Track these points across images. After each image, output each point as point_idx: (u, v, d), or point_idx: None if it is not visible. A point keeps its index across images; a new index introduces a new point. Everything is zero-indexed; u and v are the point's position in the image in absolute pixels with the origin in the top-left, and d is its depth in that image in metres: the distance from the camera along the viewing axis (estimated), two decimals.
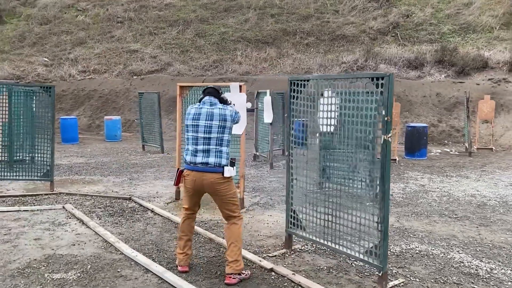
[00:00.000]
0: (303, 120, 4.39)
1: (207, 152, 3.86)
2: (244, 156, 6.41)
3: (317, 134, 4.42)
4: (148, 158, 11.59)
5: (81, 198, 6.87)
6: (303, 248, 4.66)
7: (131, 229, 5.30)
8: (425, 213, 6.21)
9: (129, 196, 6.92)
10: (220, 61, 22.67)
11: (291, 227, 4.49)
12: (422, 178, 8.77)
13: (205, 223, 5.61)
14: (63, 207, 6.24)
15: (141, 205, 6.46)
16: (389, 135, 3.46)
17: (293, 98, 4.41)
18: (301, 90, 4.34)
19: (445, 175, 9.10)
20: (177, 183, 4.00)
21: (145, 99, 13.07)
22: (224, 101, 4.09)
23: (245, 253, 4.41)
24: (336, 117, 3.96)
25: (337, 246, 3.97)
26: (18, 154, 8.02)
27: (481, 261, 4.43)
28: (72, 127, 14.06)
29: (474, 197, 7.15)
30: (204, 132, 3.89)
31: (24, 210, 6.06)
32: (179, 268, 4.05)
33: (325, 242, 4.07)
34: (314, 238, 4.21)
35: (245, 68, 21.88)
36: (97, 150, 13.15)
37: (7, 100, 8.08)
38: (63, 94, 20.54)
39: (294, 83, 4.38)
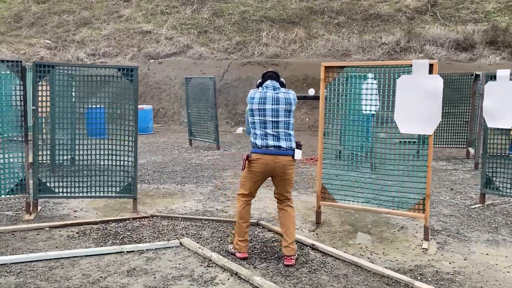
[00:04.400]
0: None
1: (277, 135, 3.93)
2: (431, 166, 4.52)
3: None
4: (207, 156, 9.62)
5: (190, 225, 4.92)
6: None
7: None
8: None
9: (256, 221, 5.01)
10: (243, 42, 20.62)
11: None
12: None
13: (404, 268, 3.76)
14: (181, 244, 4.31)
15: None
16: None
17: None
18: None
19: None
20: (244, 167, 3.98)
21: (193, 85, 11.00)
22: (284, 85, 4.11)
23: None
24: None
25: None
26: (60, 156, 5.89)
27: None
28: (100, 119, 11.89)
29: None
30: (272, 116, 3.93)
31: (129, 252, 4.11)
32: (238, 255, 4.02)
33: None
34: None
35: (273, 51, 19.89)
36: None
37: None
38: None
39: None
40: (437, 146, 9.90)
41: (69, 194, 5.33)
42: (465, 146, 9.58)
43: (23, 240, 4.38)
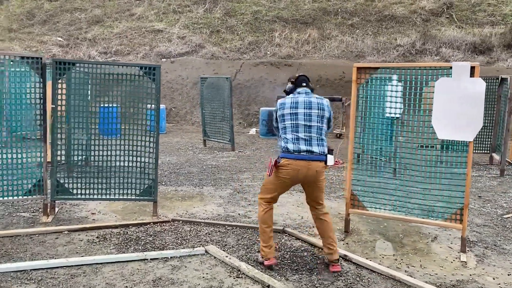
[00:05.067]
0: None
1: (309, 140, 3.75)
2: (470, 181, 4.29)
3: None
4: (222, 157, 9.42)
5: (214, 231, 4.72)
6: None
7: None
8: None
9: (281, 228, 4.80)
10: (256, 43, 20.42)
11: None
12: None
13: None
14: (206, 251, 4.11)
15: (314, 245, 4.35)
16: None
17: None
18: None
19: None
20: (271, 173, 3.76)
21: (207, 85, 10.82)
22: (312, 91, 3.95)
23: None
24: None
25: None
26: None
27: None
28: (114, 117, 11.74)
29: None
30: (305, 120, 3.77)
31: (152, 259, 3.91)
32: (267, 262, 3.80)
33: None
34: None
35: (286, 51, 19.67)
36: None
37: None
38: None
39: None
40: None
41: (88, 196, 5.15)
42: (488, 151, 9.31)
43: (42, 244, 4.21)
